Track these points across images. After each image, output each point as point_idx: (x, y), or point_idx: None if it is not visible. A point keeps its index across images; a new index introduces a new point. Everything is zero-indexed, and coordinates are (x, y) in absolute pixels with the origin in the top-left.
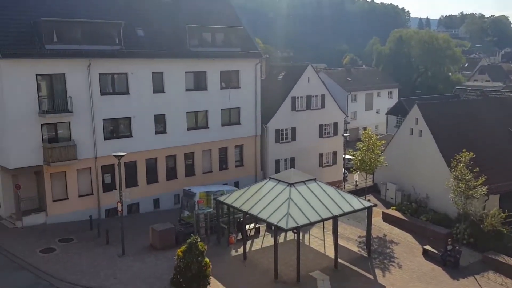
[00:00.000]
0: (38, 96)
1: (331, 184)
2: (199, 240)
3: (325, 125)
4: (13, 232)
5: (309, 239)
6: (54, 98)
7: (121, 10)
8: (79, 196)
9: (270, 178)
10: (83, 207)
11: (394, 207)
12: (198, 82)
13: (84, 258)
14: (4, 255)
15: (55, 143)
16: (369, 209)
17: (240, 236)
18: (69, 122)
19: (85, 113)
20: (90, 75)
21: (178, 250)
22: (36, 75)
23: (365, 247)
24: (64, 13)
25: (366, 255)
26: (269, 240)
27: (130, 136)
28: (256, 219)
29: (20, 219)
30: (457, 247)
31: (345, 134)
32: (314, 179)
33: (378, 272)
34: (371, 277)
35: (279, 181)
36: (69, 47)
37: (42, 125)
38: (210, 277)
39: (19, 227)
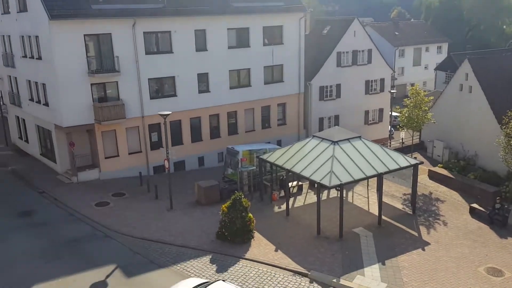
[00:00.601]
0: (87, 56)
1: (376, 142)
2: (242, 196)
3: (372, 81)
4: (70, 187)
5: (352, 196)
6: (102, 58)
7: None
8: (129, 154)
9: (314, 136)
10: (132, 164)
11: (441, 165)
12: (241, 39)
13: (136, 211)
14: (62, 208)
15: (104, 102)
16: (415, 167)
17: (282, 193)
18: (116, 81)
19: (131, 72)
20: (135, 34)
21: (223, 206)
22: (84, 35)
23: (410, 204)
24: None
25: (411, 213)
26: (311, 198)
27: (175, 95)
28: (298, 177)
29: (75, 175)
30: (505, 206)
31: (392, 91)
32: (359, 137)
33: (422, 229)
34: (416, 234)
35: (323, 139)
36: (114, 7)
37: (91, 84)
38: (254, 231)
39: (75, 182)
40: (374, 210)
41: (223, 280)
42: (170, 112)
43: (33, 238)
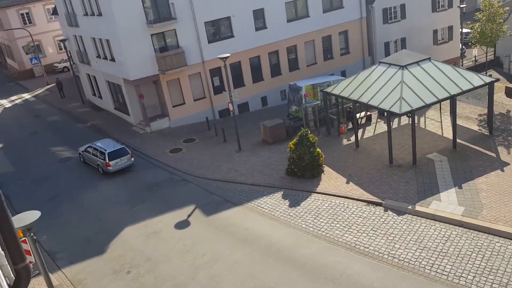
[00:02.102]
0: (143, 7)
1: (447, 62)
2: (309, 132)
3: None
4: (144, 137)
5: (424, 122)
6: (158, 6)
7: None
8: (194, 100)
9: (380, 62)
10: (198, 110)
11: None
12: None
13: (206, 155)
14: (141, 157)
15: (165, 52)
16: (490, 85)
17: (350, 126)
18: (174, 29)
19: (187, 18)
20: None
21: (290, 143)
22: None
23: (486, 125)
24: None
25: (488, 133)
26: (381, 127)
27: (232, 36)
28: (366, 107)
29: (148, 125)
30: None
31: (461, 5)
32: (429, 58)
33: (501, 149)
34: (494, 155)
35: (390, 64)
36: None
37: (151, 35)
38: (323, 165)
39: (149, 132)
40: (448, 134)
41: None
42: (229, 55)
43: (118, 186)
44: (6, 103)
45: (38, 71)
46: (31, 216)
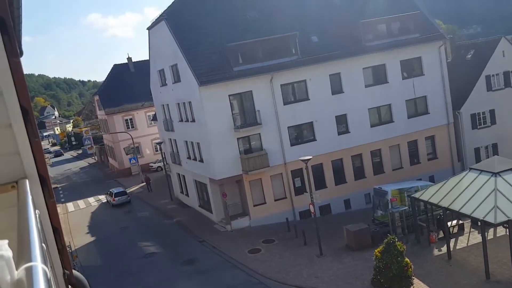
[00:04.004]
0: (232, 113)
1: None
2: (396, 239)
3: None
4: (225, 235)
5: None
6: (245, 113)
7: (294, 20)
8: (275, 200)
9: (471, 168)
10: (279, 210)
11: None
12: (378, 76)
13: (286, 258)
14: (220, 255)
15: (250, 154)
16: None
17: (441, 234)
18: (259, 133)
19: (271, 123)
20: (273, 88)
21: (376, 250)
22: (229, 95)
23: None
24: (245, 36)
25: None
26: (475, 237)
27: (314, 140)
28: (458, 215)
29: (229, 223)
30: None
31: None
32: None
33: None
34: None
35: (482, 171)
36: (253, 66)
37: (238, 139)
38: (413, 277)
39: (229, 230)
40: None
41: None
42: (311, 157)
43: (196, 285)
44: (103, 198)
45: (135, 170)
46: None
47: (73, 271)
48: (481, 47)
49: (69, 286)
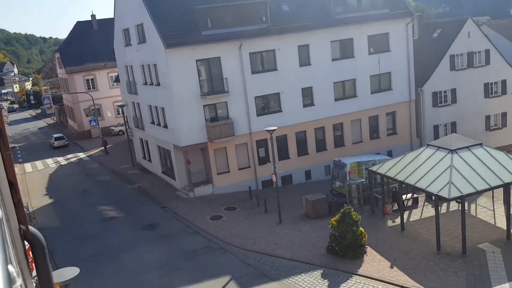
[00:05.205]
0: (199, 79)
1: (501, 149)
2: (352, 210)
3: (491, 83)
4: (187, 202)
5: (475, 209)
6: (212, 80)
7: None
8: (239, 169)
9: (428, 145)
10: (242, 179)
11: None
12: (345, 50)
13: (247, 225)
14: (181, 221)
15: (215, 122)
16: None
17: (396, 207)
18: (226, 102)
19: (239, 92)
20: (242, 56)
21: (332, 219)
22: (196, 60)
23: None
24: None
25: None
26: (429, 211)
27: (280, 111)
28: (413, 189)
29: (192, 190)
30: None
31: None
32: (480, 144)
33: None
34: None
35: (439, 147)
36: (222, 31)
37: (204, 106)
38: (366, 246)
39: (192, 197)
40: (502, 224)
41: None
42: (276, 128)
43: (156, 250)
44: (62, 160)
45: (95, 132)
46: (70, 272)
47: (29, 227)
48: (447, 27)
49: (25, 242)
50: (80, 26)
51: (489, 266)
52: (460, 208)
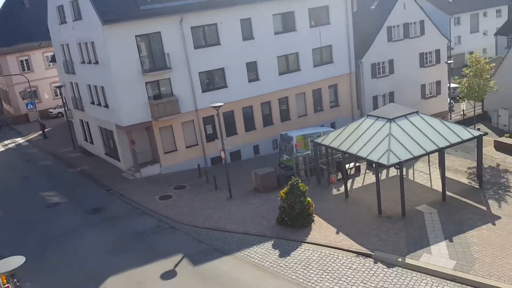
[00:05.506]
0: (139, 56)
1: (436, 116)
2: (299, 181)
3: (426, 53)
4: (134, 183)
5: (413, 174)
6: (153, 56)
7: None
8: (186, 147)
9: (368, 115)
10: (190, 157)
11: (508, 135)
12: (287, 24)
13: (197, 202)
14: (128, 203)
15: (159, 99)
16: (479, 138)
17: (340, 176)
18: (169, 78)
19: (182, 68)
20: (183, 30)
21: (281, 192)
22: (135, 36)
23: (475, 178)
24: None
25: (478, 187)
26: (370, 178)
27: (225, 86)
28: (355, 158)
29: (138, 171)
30: None
31: (449, 61)
32: (416, 112)
33: (492, 203)
34: (484, 208)
35: (378, 117)
36: (161, 5)
37: (146, 83)
38: (314, 215)
39: (138, 178)
40: (438, 186)
41: None
42: (222, 104)
43: (103, 233)
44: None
45: (33, 116)
46: (16, 261)
47: None
48: None
49: None
50: (9, 4)
51: (427, 226)
52: (398, 174)
